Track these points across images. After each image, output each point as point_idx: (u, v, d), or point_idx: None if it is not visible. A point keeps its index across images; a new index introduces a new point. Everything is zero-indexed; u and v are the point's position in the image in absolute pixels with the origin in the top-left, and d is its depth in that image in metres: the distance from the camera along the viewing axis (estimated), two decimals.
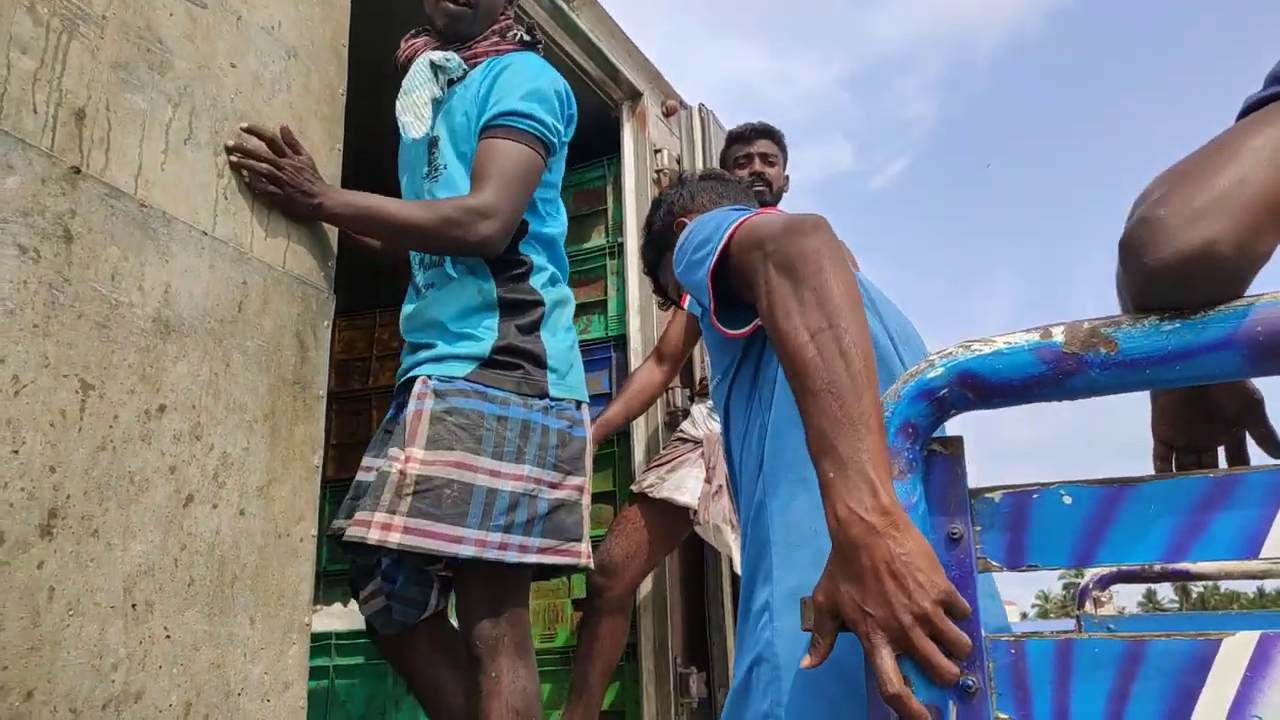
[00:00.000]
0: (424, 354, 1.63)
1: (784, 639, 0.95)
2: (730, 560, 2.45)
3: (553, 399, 1.61)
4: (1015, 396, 0.76)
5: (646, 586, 2.70)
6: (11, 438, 1.09)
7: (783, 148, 2.85)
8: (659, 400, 2.85)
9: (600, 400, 2.98)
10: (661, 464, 2.55)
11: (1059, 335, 0.75)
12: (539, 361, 1.62)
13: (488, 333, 1.60)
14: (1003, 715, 0.75)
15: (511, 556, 1.50)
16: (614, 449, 2.90)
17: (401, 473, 1.49)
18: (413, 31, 1.81)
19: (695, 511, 2.43)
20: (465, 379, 1.56)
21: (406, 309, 1.74)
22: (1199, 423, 0.95)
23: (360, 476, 1.68)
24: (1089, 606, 2.26)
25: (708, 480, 2.46)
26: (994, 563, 0.78)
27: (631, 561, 2.43)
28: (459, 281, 1.63)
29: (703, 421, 2.62)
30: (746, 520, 1.07)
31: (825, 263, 0.86)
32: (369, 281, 3.84)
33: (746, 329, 1.04)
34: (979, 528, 0.80)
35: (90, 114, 1.23)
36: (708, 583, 2.83)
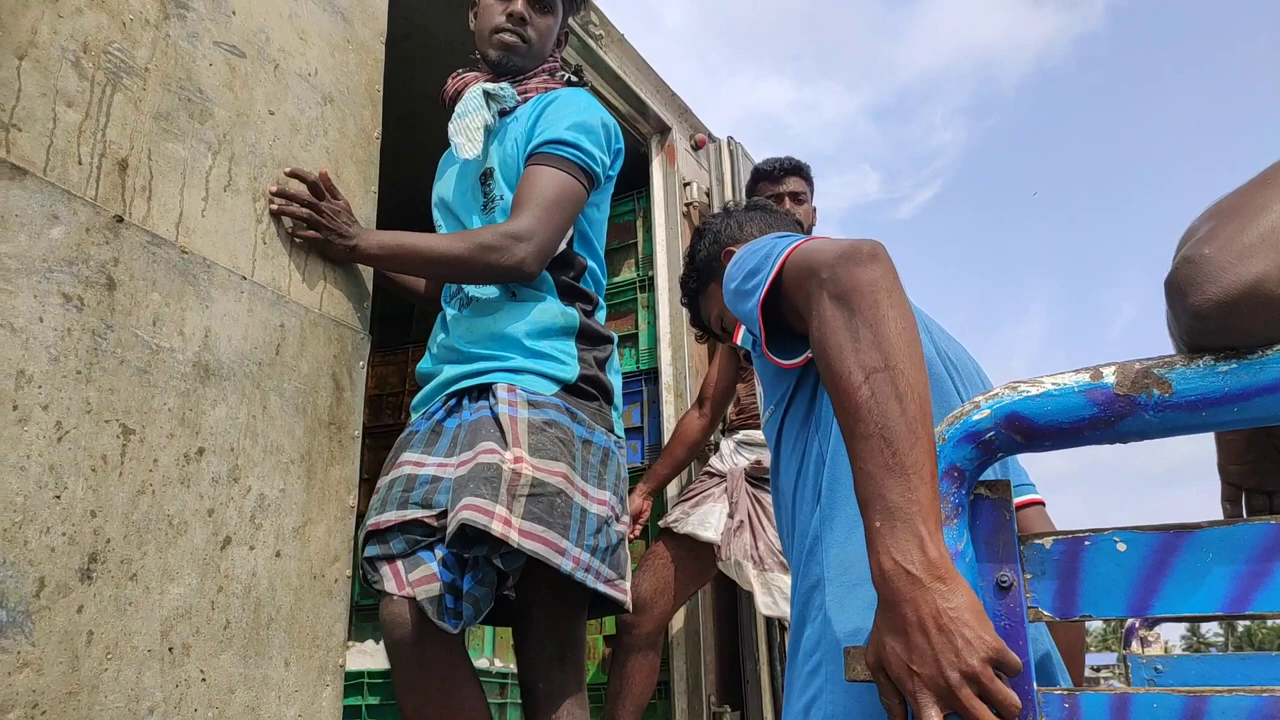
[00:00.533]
0: (489, 364, 1.57)
1: (836, 688, 0.92)
2: (753, 598, 2.41)
3: (616, 435, 1.63)
4: (1065, 439, 0.74)
5: (679, 622, 2.66)
6: (54, 483, 1.10)
7: (810, 182, 2.88)
8: None
9: (633, 435, 2.98)
10: (687, 499, 2.55)
11: (1110, 376, 0.73)
12: (609, 397, 1.63)
13: (570, 358, 1.58)
14: None
15: (591, 580, 1.46)
16: None
17: (516, 473, 1.41)
18: (460, 69, 1.84)
19: (718, 547, 2.42)
20: (554, 397, 1.54)
21: (451, 315, 1.69)
22: (1267, 461, 0.91)
23: (410, 470, 1.54)
24: (1135, 646, 2.19)
25: (730, 515, 2.45)
26: (1045, 612, 0.76)
27: (660, 597, 2.41)
28: (536, 300, 1.61)
29: (729, 455, 2.61)
30: (801, 553, 1.02)
31: (882, 296, 0.82)
32: (402, 317, 3.87)
33: (799, 360, 1.00)
34: (1029, 575, 0.77)
35: (133, 164, 1.26)
36: (741, 618, 2.79)
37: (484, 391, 1.55)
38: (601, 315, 1.73)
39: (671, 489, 2.79)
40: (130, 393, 1.20)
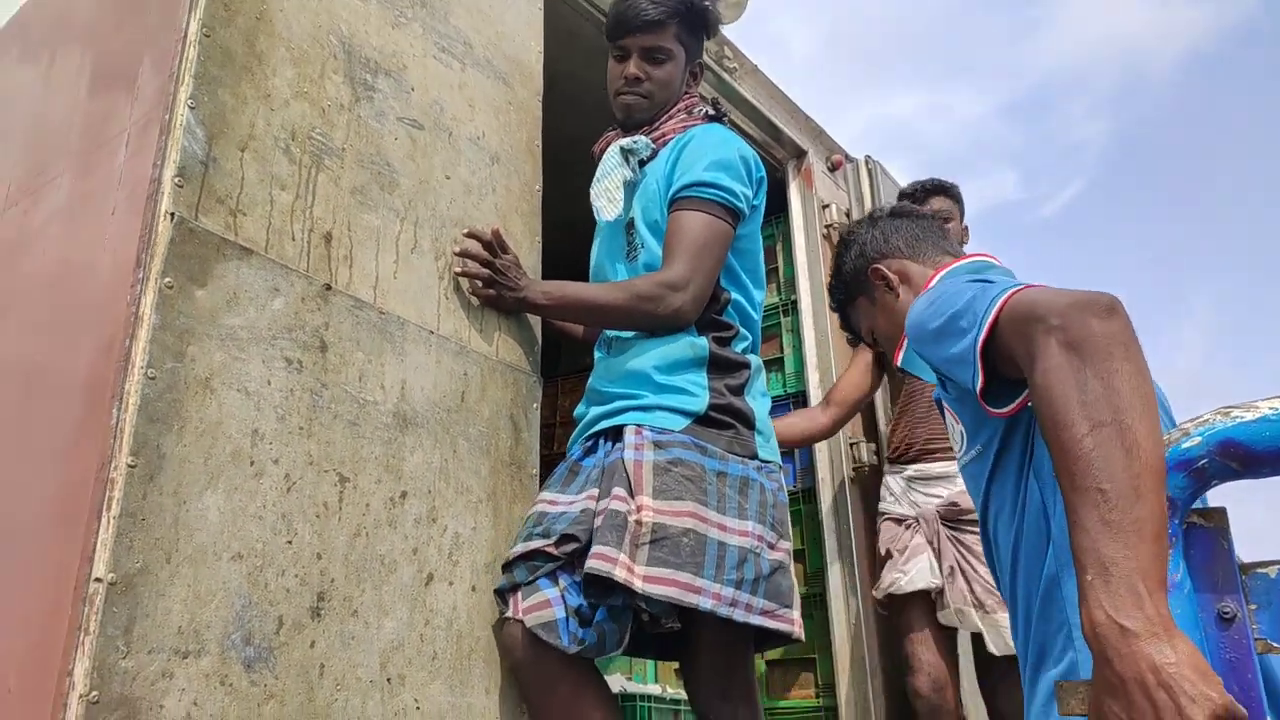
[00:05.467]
0: (624, 403, 1.61)
1: None
2: (984, 639, 2.32)
3: (762, 460, 1.61)
4: None
5: (844, 648, 2.63)
6: (286, 529, 1.22)
7: (958, 201, 2.78)
8: (845, 455, 2.82)
9: (785, 459, 2.97)
10: (891, 557, 2.50)
11: None
12: (749, 423, 1.62)
13: (700, 389, 1.59)
14: None
15: (740, 614, 1.45)
16: (800, 507, 2.88)
17: (638, 522, 1.43)
18: (608, 128, 1.91)
19: (935, 594, 2.39)
20: (681, 432, 1.55)
21: (599, 356, 1.76)
22: None
23: (544, 508, 1.57)
24: None
25: (938, 560, 2.41)
26: (1276, 644, 0.74)
27: (946, 663, 2.39)
28: (670, 335, 1.63)
29: (903, 495, 2.55)
30: (1033, 595, 1.00)
31: (1118, 349, 0.80)
32: (551, 352, 4.02)
33: (1013, 407, 0.98)
34: (1254, 606, 0.75)
35: (336, 235, 1.39)
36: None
37: (619, 434, 1.58)
38: (744, 344, 1.72)
39: (824, 508, 2.77)
40: (344, 444, 1.32)
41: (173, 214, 1.19)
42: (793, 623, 1.52)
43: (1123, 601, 0.70)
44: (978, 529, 2.35)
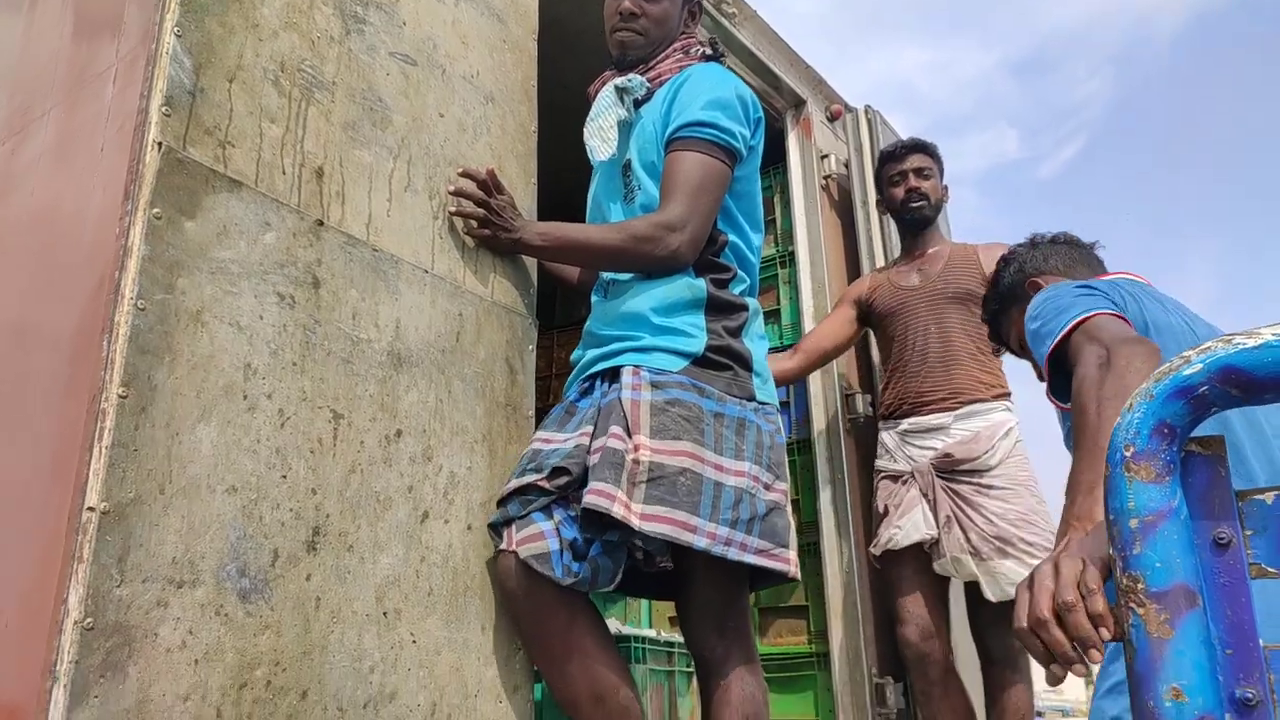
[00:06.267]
0: (621, 345, 1.61)
1: None
2: (980, 586, 2.35)
3: (759, 402, 1.61)
4: None
5: (837, 595, 2.66)
6: (281, 464, 1.22)
7: (937, 159, 2.78)
8: (841, 406, 2.83)
9: (780, 410, 2.97)
10: (887, 514, 2.52)
11: None
12: (746, 364, 1.62)
13: (698, 331, 1.59)
14: None
15: (734, 553, 1.47)
16: (795, 457, 2.89)
17: (636, 461, 1.44)
18: (605, 69, 1.88)
19: (930, 545, 2.41)
20: (679, 373, 1.55)
21: (595, 300, 1.75)
22: None
23: (538, 446, 1.56)
24: None
25: (933, 511, 2.42)
26: (1270, 569, 0.74)
27: (934, 614, 2.42)
28: (667, 277, 1.62)
29: (898, 449, 2.57)
30: None
31: (1138, 362, 1.09)
32: (546, 303, 4.00)
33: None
34: (1249, 532, 0.75)
35: (327, 171, 1.37)
36: None
37: (616, 375, 1.58)
38: (742, 287, 1.71)
39: (820, 460, 2.79)
40: (337, 381, 1.31)
41: (160, 144, 1.17)
42: (788, 562, 1.53)
43: (1082, 503, 1.03)
44: (972, 479, 2.38)
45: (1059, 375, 1.27)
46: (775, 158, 3.14)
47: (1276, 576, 0.74)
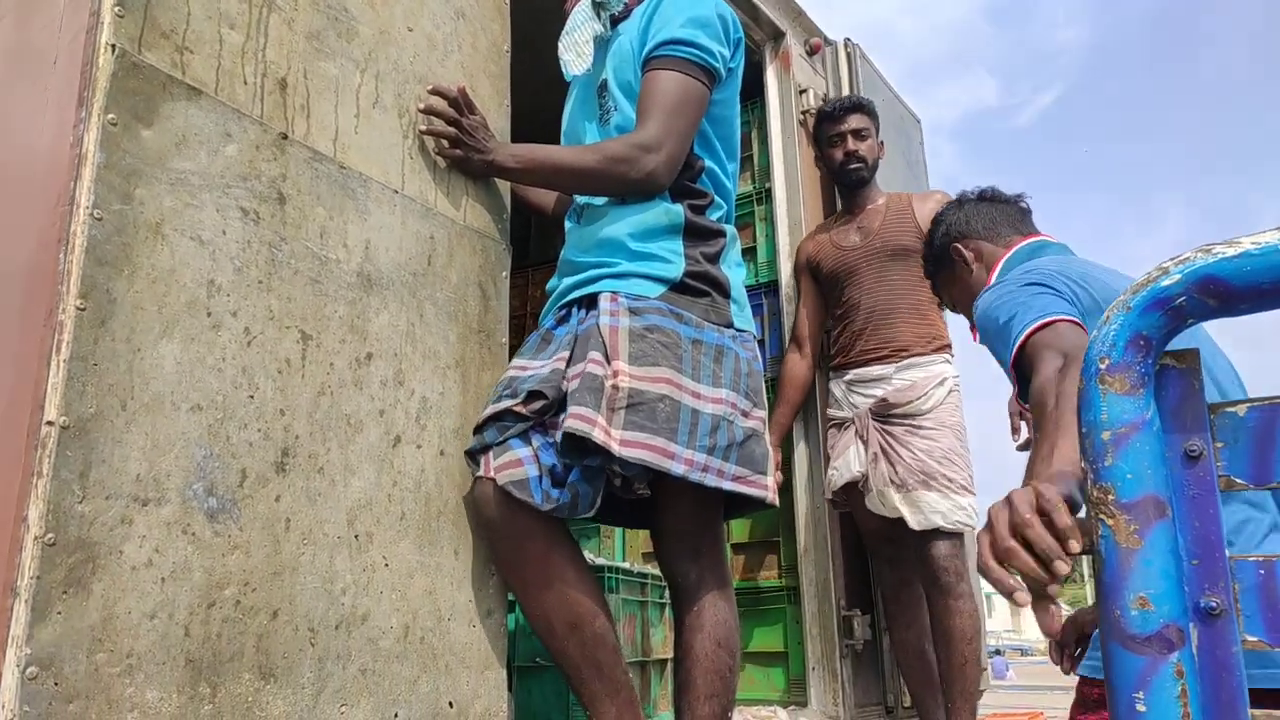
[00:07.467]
0: (598, 271, 1.58)
1: None
2: (904, 517, 2.46)
3: (737, 329, 1.60)
4: (1266, 301, 0.71)
5: (808, 530, 2.70)
6: (247, 384, 1.19)
7: (873, 116, 2.83)
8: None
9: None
10: (833, 460, 2.65)
11: None
12: (724, 291, 1.60)
13: (675, 257, 1.57)
14: (1251, 638, 0.71)
15: (711, 480, 1.47)
16: (771, 395, 2.90)
17: (615, 387, 1.42)
18: None
19: (862, 484, 2.53)
20: (657, 299, 1.53)
21: (569, 226, 1.72)
22: None
23: (514, 374, 1.55)
24: None
25: (864, 447, 2.55)
26: (1238, 480, 0.75)
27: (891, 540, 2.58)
28: (643, 202, 1.60)
29: (844, 399, 2.67)
30: None
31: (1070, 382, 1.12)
32: (520, 240, 3.94)
33: None
34: (1220, 444, 0.76)
35: (291, 82, 1.32)
36: None
37: (593, 302, 1.55)
38: (719, 213, 1.68)
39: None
40: (305, 301, 1.28)
41: (114, 45, 1.11)
42: (766, 488, 1.54)
43: (1040, 470, 1.04)
44: (905, 421, 2.49)
45: (1021, 379, 1.30)
46: (753, 92, 3.08)
47: (1245, 488, 0.75)
